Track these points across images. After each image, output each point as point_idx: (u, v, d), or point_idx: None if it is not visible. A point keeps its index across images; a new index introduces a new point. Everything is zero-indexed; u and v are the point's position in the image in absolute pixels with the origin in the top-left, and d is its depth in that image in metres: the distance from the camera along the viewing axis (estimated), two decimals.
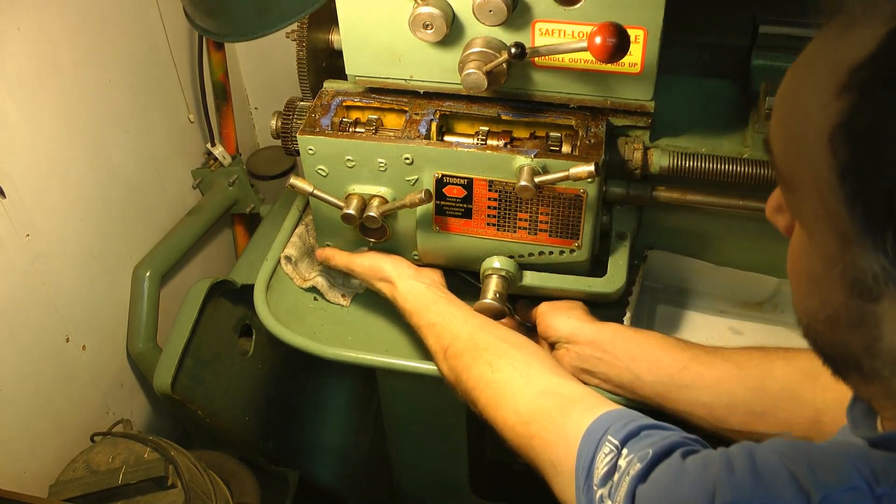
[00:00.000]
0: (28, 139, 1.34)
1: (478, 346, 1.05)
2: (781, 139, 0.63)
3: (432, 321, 1.12)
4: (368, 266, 1.23)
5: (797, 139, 0.60)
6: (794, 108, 0.62)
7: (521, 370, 0.99)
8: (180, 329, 1.50)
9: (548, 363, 1.03)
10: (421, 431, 1.52)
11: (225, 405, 1.60)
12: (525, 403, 0.95)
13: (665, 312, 1.34)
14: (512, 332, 1.09)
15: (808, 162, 0.59)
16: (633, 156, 1.18)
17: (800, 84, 0.62)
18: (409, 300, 1.16)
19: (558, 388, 0.96)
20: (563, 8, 1.05)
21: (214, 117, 1.85)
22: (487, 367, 1.01)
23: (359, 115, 1.22)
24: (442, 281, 1.22)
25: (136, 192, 1.65)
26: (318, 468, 1.85)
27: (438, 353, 1.10)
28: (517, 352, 1.03)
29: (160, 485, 1.35)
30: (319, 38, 1.26)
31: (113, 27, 1.52)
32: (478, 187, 1.13)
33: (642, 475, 0.74)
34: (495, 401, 0.98)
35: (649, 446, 0.77)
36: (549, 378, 0.98)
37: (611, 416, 0.85)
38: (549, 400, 0.94)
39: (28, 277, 1.37)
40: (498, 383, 0.99)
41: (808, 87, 0.60)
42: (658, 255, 1.34)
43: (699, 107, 1.32)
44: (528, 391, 0.96)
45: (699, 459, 0.71)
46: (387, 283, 1.20)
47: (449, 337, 1.08)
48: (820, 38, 0.61)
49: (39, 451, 1.44)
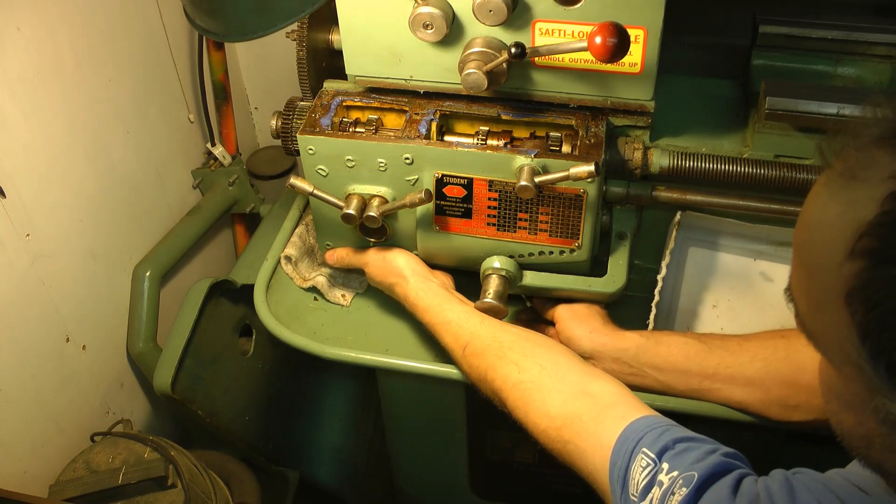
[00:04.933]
0: (28, 139, 1.34)
1: (501, 344, 1.05)
2: (803, 294, 0.65)
3: (448, 318, 1.12)
4: (382, 259, 1.22)
5: (817, 296, 0.63)
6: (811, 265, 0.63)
7: (549, 370, 0.99)
8: (180, 329, 1.50)
9: (574, 359, 1.03)
10: (421, 431, 1.52)
11: (225, 405, 1.60)
12: (556, 407, 0.95)
13: (697, 256, 1.31)
14: (532, 331, 1.09)
15: (830, 318, 0.61)
16: (633, 156, 1.18)
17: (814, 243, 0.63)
18: (421, 297, 1.16)
19: (588, 387, 0.96)
20: (563, 8, 1.05)
21: (214, 117, 1.85)
22: (514, 367, 1.01)
23: (359, 115, 1.22)
24: (451, 283, 1.22)
25: (136, 191, 1.65)
26: (318, 468, 1.85)
27: (456, 351, 1.10)
28: (542, 350, 1.03)
29: (160, 485, 1.35)
30: (319, 38, 1.26)
31: (113, 27, 1.52)
32: (478, 187, 1.13)
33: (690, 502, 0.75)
34: (524, 402, 0.98)
35: (693, 467, 0.78)
36: (577, 376, 0.98)
37: (641, 425, 0.85)
38: (581, 402, 0.93)
39: (28, 277, 1.37)
40: (525, 384, 0.99)
41: (822, 247, 0.61)
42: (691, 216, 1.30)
43: (699, 107, 1.32)
44: (559, 392, 0.96)
45: (744, 498, 0.73)
46: (399, 279, 1.20)
47: (467, 335, 1.08)
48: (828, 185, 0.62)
49: (39, 450, 1.44)
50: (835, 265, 0.59)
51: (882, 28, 1.22)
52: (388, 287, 1.23)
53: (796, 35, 1.25)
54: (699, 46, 1.38)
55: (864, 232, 0.57)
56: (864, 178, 0.58)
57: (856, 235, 0.57)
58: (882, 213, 0.56)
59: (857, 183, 0.59)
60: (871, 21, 1.24)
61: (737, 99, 1.32)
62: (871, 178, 0.58)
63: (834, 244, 0.59)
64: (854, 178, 0.59)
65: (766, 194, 1.21)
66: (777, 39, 1.27)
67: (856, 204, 0.58)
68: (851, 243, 0.57)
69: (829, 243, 0.60)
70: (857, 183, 0.59)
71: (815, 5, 1.30)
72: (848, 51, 1.25)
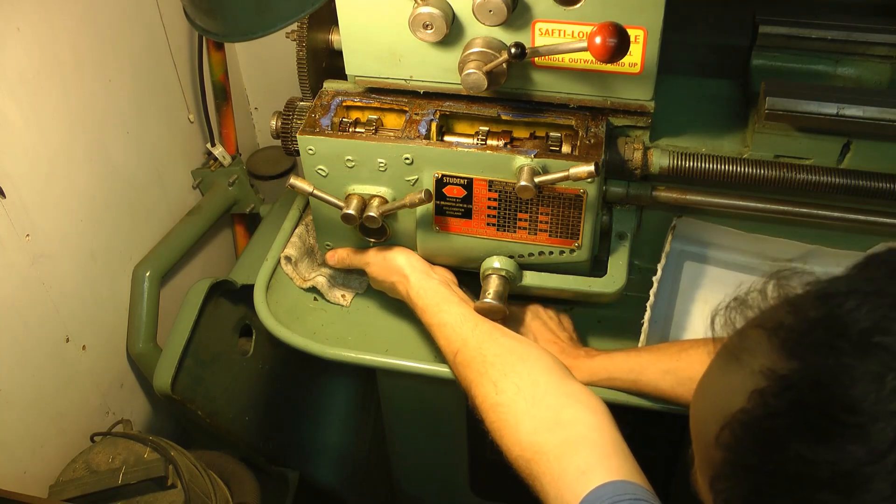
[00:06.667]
0: (28, 139, 1.34)
1: (485, 359, 1.03)
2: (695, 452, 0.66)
3: (443, 321, 1.11)
4: (383, 258, 1.22)
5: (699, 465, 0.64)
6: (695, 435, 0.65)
7: (525, 392, 0.98)
8: (180, 329, 1.50)
9: (553, 378, 1.01)
10: (421, 431, 1.52)
11: (225, 405, 1.60)
12: (527, 435, 0.94)
13: (691, 270, 1.32)
14: (520, 341, 1.07)
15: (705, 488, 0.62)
16: (633, 156, 1.18)
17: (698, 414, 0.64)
18: (420, 296, 1.15)
19: (560, 414, 0.95)
20: (563, 8, 1.05)
21: (214, 117, 1.85)
22: (492, 387, 1.00)
23: (359, 115, 1.22)
24: (453, 279, 1.21)
25: (136, 192, 1.65)
26: (318, 468, 1.85)
27: (448, 356, 1.10)
28: (523, 367, 1.01)
29: (160, 485, 1.35)
30: (319, 38, 1.26)
31: (113, 27, 1.52)
32: (478, 187, 1.13)
33: None
34: (499, 426, 0.97)
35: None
36: (554, 399, 0.97)
37: (604, 494, 0.83)
38: (550, 435, 0.92)
39: (28, 278, 1.37)
40: (501, 407, 0.98)
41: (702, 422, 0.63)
42: (687, 222, 1.32)
43: (699, 107, 1.32)
44: (531, 419, 0.95)
45: None
46: (400, 277, 1.19)
47: (458, 342, 1.08)
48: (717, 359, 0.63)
49: (39, 451, 1.44)
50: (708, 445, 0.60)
51: (882, 28, 1.22)
52: (389, 286, 1.23)
53: (796, 35, 1.25)
54: (699, 46, 1.38)
55: (726, 424, 0.57)
56: (742, 362, 0.59)
57: (722, 423, 0.58)
58: (742, 410, 0.56)
59: (737, 366, 0.59)
60: (871, 21, 1.24)
61: (737, 99, 1.32)
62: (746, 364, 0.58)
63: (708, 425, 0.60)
64: (735, 360, 0.60)
65: (765, 194, 1.21)
66: (777, 39, 1.27)
67: (729, 389, 0.58)
68: (718, 430, 0.58)
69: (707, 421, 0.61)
70: (736, 366, 0.59)
71: (815, 5, 1.30)
72: (848, 51, 1.25)
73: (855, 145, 1.17)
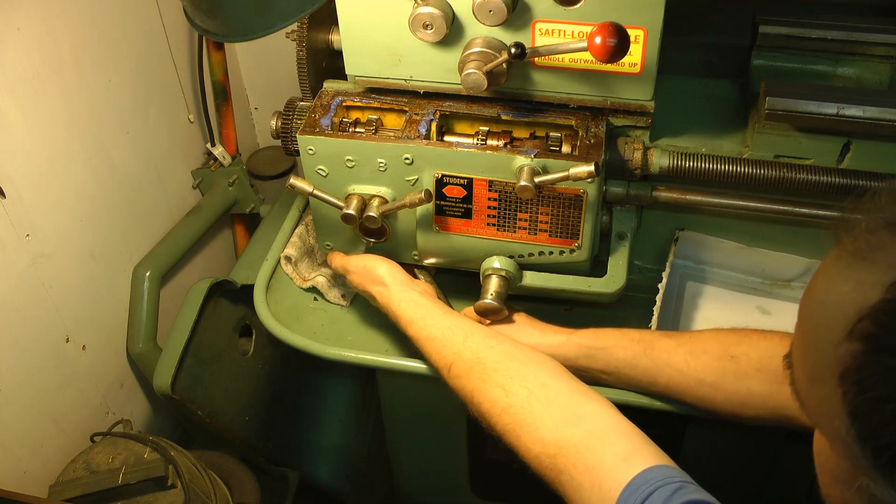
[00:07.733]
0: (28, 139, 1.34)
1: (485, 366, 1.02)
2: (800, 364, 0.66)
3: (432, 335, 1.10)
4: (363, 266, 1.21)
5: (813, 369, 0.64)
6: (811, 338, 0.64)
7: (537, 393, 0.97)
8: (180, 329, 1.50)
9: (561, 379, 1.00)
10: (421, 431, 1.52)
11: (225, 405, 1.60)
12: (549, 432, 0.93)
13: (693, 289, 1.34)
14: (516, 346, 1.07)
15: (823, 392, 0.62)
16: (633, 156, 1.18)
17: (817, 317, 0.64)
18: (403, 308, 1.14)
19: (579, 410, 0.94)
20: (563, 8, 1.05)
21: (214, 117, 1.85)
22: (501, 391, 0.99)
23: (359, 115, 1.22)
24: (434, 292, 1.21)
25: (136, 192, 1.65)
26: (318, 468, 1.85)
27: (442, 370, 1.08)
28: (529, 370, 1.01)
29: (160, 485, 1.35)
30: (319, 38, 1.26)
31: (113, 27, 1.52)
32: (478, 187, 1.13)
33: None
34: (514, 427, 0.96)
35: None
36: (567, 397, 0.97)
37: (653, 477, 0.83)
38: (574, 429, 0.92)
39: (28, 278, 1.37)
40: (515, 408, 0.97)
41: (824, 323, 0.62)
42: (689, 236, 1.33)
43: (699, 107, 1.32)
44: (550, 417, 0.95)
45: None
46: (380, 287, 1.18)
47: (451, 355, 1.06)
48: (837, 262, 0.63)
49: (39, 451, 1.44)
50: (834, 343, 0.60)
51: (882, 28, 1.22)
52: (369, 295, 1.22)
53: (796, 35, 1.25)
54: (699, 46, 1.38)
55: (865, 315, 0.57)
56: (872, 260, 0.59)
57: (856, 318, 0.58)
58: (885, 300, 0.57)
59: (866, 264, 0.59)
60: (871, 21, 1.24)
61: (737, 99, 1.32)
62: (880, 261, 0.58)
63: (835, 322, 0.60)
64: (863, 260, 0.60)
65: (765, 194, 1.21)
66: (777, 40, 1.27)
67: (861, 286, 0.59)
68: (851, 325, 0.58)
69: (830, 321, 0.61)
70: (865, 264, 0.59)
71: (814, 5, 1.30)
72: (848, 51, 1.25)
73: (855, 145, 1.17)
